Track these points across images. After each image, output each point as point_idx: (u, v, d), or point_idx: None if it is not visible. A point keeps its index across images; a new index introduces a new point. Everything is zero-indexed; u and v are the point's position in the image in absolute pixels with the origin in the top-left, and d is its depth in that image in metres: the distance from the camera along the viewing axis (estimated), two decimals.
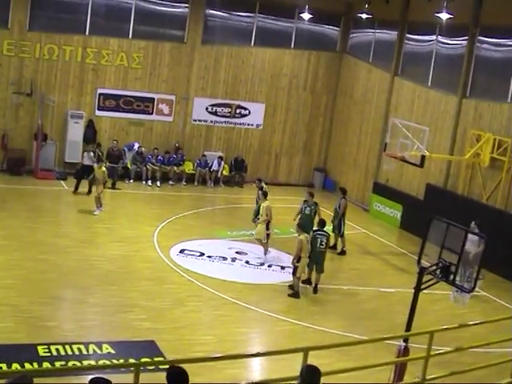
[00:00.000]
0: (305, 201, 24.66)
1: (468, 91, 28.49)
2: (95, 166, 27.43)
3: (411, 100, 31.22)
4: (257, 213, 24.55)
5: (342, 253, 25.49)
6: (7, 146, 31.17)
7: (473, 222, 21.93)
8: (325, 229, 21.75)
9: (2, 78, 30.91)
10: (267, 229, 23.50)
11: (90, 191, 28.67)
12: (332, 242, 24.93)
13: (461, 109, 28.43)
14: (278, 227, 26.30)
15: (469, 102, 28.24)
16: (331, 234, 24.37)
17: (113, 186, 30.57)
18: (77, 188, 29.13)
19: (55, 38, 31.38)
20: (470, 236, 22.11)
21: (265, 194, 24.26)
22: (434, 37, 30.31)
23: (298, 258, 20.50)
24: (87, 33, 31.97)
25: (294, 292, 20.50)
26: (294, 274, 20.66)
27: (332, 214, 26.54)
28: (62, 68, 31.73)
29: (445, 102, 29.35)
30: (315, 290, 21.15)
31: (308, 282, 21.49)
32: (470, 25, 28.11)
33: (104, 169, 27.19)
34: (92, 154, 29.77)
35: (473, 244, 21.91)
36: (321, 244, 21.28)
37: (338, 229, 25.82)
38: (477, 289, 13.59)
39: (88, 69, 32.15)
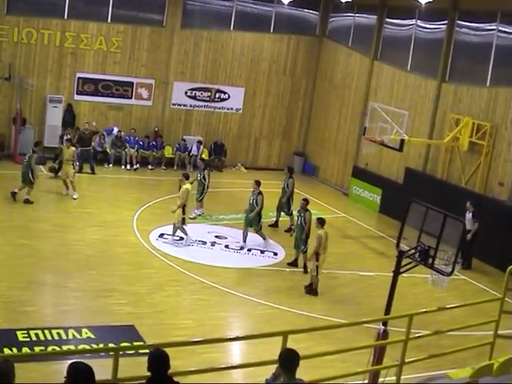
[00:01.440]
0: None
1: (447, 75, 28.56)
2: (63, 146, 27.67)
3: (391, 84, 31.27)
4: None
5: (289, 230, 25.33)
6: None
7: (468, 202, 23.15)
8: None
9: None
10: (183, 213, 22.98)
11: (56, 174, 28.77)
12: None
13: (440, 93, 28.51)
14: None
15: (448, 86, 28.32)
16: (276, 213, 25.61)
17: (92, 171, 30.45)
18: (57, 172, 29.02)
19: (33, 22, 31.16)
20: (467, 215, 22.94)
21: (186, 177, 23.77)
22: (413, 21, 30.34)
23: (317, 256, 19.87)
24: (66, 17, 31.76)
25: (313, 289, 19.96)
26: (316, 272, 19.89)
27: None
28: (40, 52, 31.53)
29: (424, 86, 29.41)
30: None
31: (295, 263, 21.79)
32: (450, 9, 28.17)
33: (73, 148, 27.34)
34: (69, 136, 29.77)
35: (469, 223, 22.76)
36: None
37: (287, 208, 25.83)
38: (455, 272, 13.62)
39: (67, 53, 31.96)
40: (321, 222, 20.27)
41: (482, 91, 26.82)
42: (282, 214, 26.01)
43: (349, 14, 34.36)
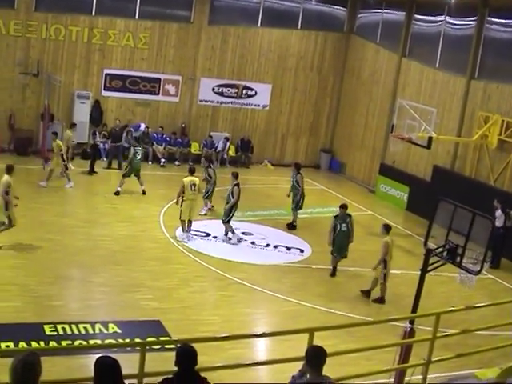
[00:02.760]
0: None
1: (476, 72, 28.35)
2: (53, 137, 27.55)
3: (419, 81, 31.08)
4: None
5: (292, 227, 25.34)
6: (14, 126, 31.21)
7: (495, 200, 23.59)
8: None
9: (8, 59, 30.89)
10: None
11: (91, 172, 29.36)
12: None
13: (469, 90, 28.30)
14: (284, 208, 26.34)
15: (477, 83, 28.11)
16: (290, 211, 25.44)
17: (119, 167, 30.61)
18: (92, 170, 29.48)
19: (62, 19, 31.32)
20: (496, 213, 22.90)
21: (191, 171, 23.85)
22: (442, 17, 30.14)
23: (384, 263, 19.27)
24: (94, 13, 31.90)
25: (381, 297, 19.42)
26: (384, 280, 19.31)
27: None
28: (68, 48, 31.69)
29: (453, 83, 29.22)
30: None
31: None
32: (479, 5, 27.95)
33: (59, 141, 27.20)
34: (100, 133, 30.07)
35: (499, 220, 22.75)
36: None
37: (297, 204, 25.43)
38: (483, 271, 13.53)
39: (94, 49, 32.10)
40: (386, 228, 19.65)
41: None
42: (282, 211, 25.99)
43: (377, 10, 34.21)
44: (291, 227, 25.25)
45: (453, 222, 13.18)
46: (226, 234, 23.32)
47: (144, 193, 27.09)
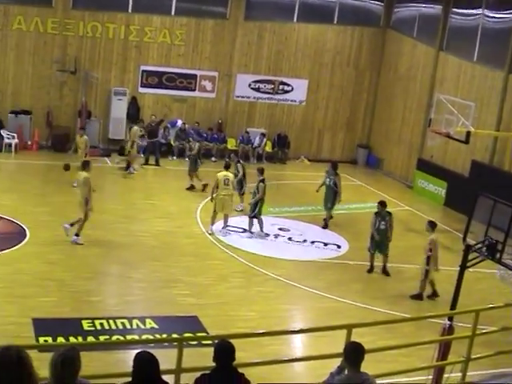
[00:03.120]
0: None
1: None
2: (77, 135, 27.52)
3: (456, 75, 30.82)
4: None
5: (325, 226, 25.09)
6: (52, 123, 31.48)
7: None
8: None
9: (46, 56, 31.17)
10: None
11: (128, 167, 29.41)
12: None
13: (507, 84, 27.99)
14: (322, 204, 26.26)
15: None
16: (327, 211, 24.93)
17: (156, 163, 30.76)
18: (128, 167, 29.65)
19: (98, 16, 31.53)
20: None
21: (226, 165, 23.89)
22: (480, 10, 29.83)
23: (427, 260, 19.08)
24: (130, 10, 32.07)
25: (419, 294, 19.14)
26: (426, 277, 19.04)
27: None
28: (105, 46, 31.90)
29: (491, 77, 28.93)
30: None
31: (385, 270, 21.03)
32: None
33: (86, 137, 27.07)
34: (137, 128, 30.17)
35: None
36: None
37: (332, 203, 24.93)
38: None
39: (131, 46, 32.26)
40: (432, 225, 19.44)
41: None
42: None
43: (413, 4, 33.96)
44: (325, 226, 24.80)
45: (492, 218, 13.07)
46: (250, 229, 23.22)
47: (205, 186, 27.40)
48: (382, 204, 21.26)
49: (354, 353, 8.35)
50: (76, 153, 27.13)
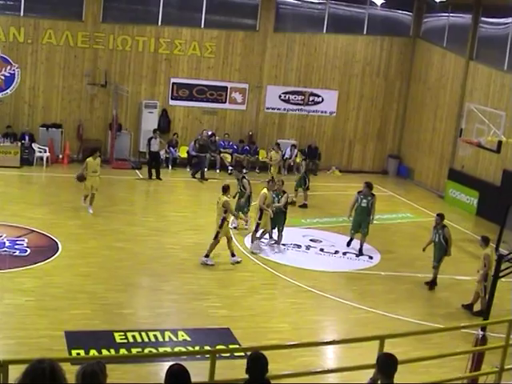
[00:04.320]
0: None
1: None
2: (90, 158, 24.78)
3: (487, 84, 30.65)
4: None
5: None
6: (83, 136, 31.67)
7: None
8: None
9: (76, 70, 31.40)
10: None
11: (151, 176, 29.85)
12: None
13: None
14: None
15: None
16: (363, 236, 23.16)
17: (202, 177, 30.80)
18: (150, 175, 29.71)
19: (128, 29, 31.73)
20: None
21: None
22: (510, 19, 29.66)
23: (485, 276, 18.50)
24: (160, 23, 32.23)
25: (481, 310, 18.14)
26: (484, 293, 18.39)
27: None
28: (135, 58, 32.08)
29: None
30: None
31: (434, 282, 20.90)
32: None
33: (98, 160, 24.99)
34: (159, 139, 30.24)
35: None
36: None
37: (367, 225, 23.43)
38: None
39: (161, 59, 32.42)
40: (485, 240, 19.02)
41: None
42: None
43: (443, 14, 33.84)
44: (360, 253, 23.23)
45: None
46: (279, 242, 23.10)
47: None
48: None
49: (386, 364, 8.30)
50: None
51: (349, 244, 23.44)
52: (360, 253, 22.90)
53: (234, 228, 23.89)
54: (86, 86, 31.47)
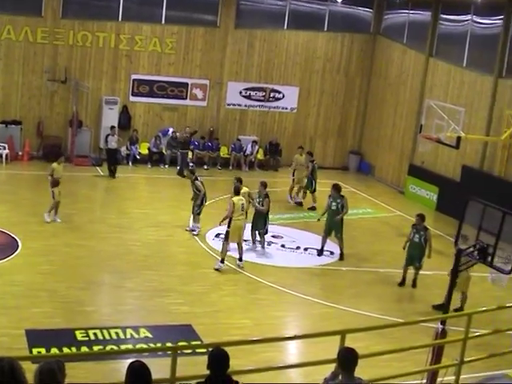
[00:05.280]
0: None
1: (504, 71, 28.13)
2: (55, 163, 23.26)
3: (446, 81, 30.92)
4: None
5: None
6: (43, 133, 31.45)
7: None
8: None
9: (36, 66, 31.15)
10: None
11: (112, 175, 29.52)
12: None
13: (497, 89, 28.09)
14: (314, 210, 26.34)
15: (505, 81, 27.91)
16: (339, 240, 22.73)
17: (180, 173, 30.70)
18: (111, 172, 29.58)
19: (88, 25, 31.53)
20: None
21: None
22: (468, 16, 29.95)
23: None
24: (120, 19, 32.09)
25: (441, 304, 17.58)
26: None
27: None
28: (95, 55, 31.90)
29: (480, 83, 29.03)
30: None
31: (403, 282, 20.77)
32: (506, 3, 27.74)
33: (62, 165, 23.76)
34: (117, 137, 30.03)
35: None
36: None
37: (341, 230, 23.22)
38: None
39: (121, 55, 32.28)
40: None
41: None
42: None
43: (403, 11, 34.07)
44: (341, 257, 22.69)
45: (483, 222, 13.11)
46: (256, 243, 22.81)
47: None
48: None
49: (347, 358, 8.37)
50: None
51: (320, 253, 22.55)
52: (341, 257, 22.47)
53: (197, 235, 23.43)
54: (46, 82, 31.22)
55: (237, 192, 21.06)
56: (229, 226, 20.61)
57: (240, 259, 20.68)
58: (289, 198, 28.69)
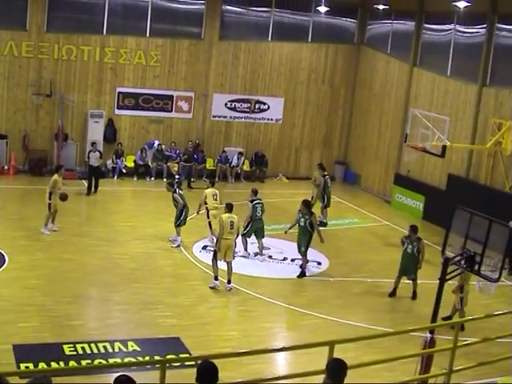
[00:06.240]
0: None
1: (488, 79, 28.29)
2: (56, 175, 24.12)
3: (431, 90, 31.04)
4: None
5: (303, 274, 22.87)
6: (28, 146, 31.37)
7: None
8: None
9: (21, 80, 31.09)
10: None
11: (90, 191, 29.11)
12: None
13: (481, 97, 28.23)
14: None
15: (489, 90, 28.05)
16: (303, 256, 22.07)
17: (188, 186, 30.71)
18: (89, 189, 29.28)
19: (73, 39, 31.51)
20: None
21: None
22: (452, 26, 30.11)
23: (461, 288, 18.22)
24: (105, 32, 32.08)
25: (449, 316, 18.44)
26: None
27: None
28: (80, 68, 31.87)
29: (465, 91, 29.16)
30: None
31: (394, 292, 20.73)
32: (489, 12, 27.92)
33: (56, 177, 24.03)
34: (98, 153, 29.69)
35: None
36: (259, 212, 23.10)
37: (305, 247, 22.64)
38: (502, 278, 13.47)
39: (106, 68, 32.26)
40: None
41: None
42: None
43: (387, 21, 34.22)
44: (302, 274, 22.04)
45: (470, 230, 13.16)
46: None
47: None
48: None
49: (336, 369, 8.35)
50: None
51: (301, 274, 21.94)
52: (300, 273, 21.88)
53: (178, 246, 23.42)
54: (31, 96, 31.16)
55: (229, 209, 20.66)
56: (216, 245, 20.31)
57: (229, 281, 20.05)
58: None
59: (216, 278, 19.99)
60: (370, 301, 20.19)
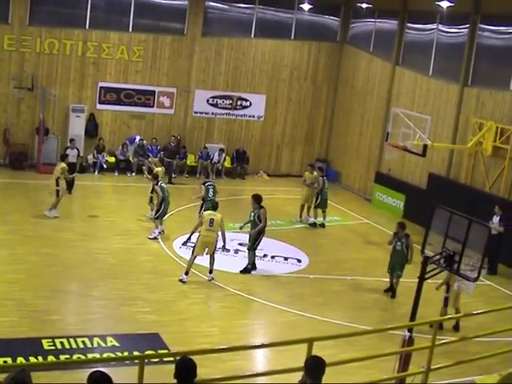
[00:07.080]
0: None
1: (470, 79, 28.41)
2: (63, 164, 25.36)
3: (412, 89, 31.14)
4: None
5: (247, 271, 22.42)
6: (9, 140, 31.21)
7: (496, 206, 23.67)
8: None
9: (2, 73, 30.93)
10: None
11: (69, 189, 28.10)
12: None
13: (462, 97, 28.35)
14: (281, 218, 26.35)
15: (470, 90, 28.17)
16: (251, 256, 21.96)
17: (169, 181, 30.55)
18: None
19: (55, 33, 31.37)
20: (494, 219, 23.03)
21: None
22: (434, 25, 30.21)
23: (447, 287, 18.04)
24: (87, 27, 31.94)
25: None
26: None
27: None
28: (62, 62, 31.73)
29: (446, 91, 29.27)
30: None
31: (391, 289, 20.79)
32: (471, 12, 28.04)
33: (64, 165, 25.29)
34: (76, 150, 29.42)
35: (496, 225, 22.91)
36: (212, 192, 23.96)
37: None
38: (481, 278, 13.53)
39: (89, 62, 32.14)
40: None
41: (505, 95, 26.65)
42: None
43: (370, 20, 34.28)
44: (246, 270, 21.78)
45: (449, 229, 13.20)
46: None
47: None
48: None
49: (314, 366, 8.38)
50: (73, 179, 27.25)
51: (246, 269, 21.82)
52: (244, 269, 21.69)
53: (154, 238, 23.54)
54: (13, 89, 30.98)
55: (213, 207, 20.98)
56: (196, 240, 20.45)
57: (210, 271, 20.37)
58: (298, 217, 27.77)
59: (186, 273, 20.03)
60: (350, 298, 20.24)
